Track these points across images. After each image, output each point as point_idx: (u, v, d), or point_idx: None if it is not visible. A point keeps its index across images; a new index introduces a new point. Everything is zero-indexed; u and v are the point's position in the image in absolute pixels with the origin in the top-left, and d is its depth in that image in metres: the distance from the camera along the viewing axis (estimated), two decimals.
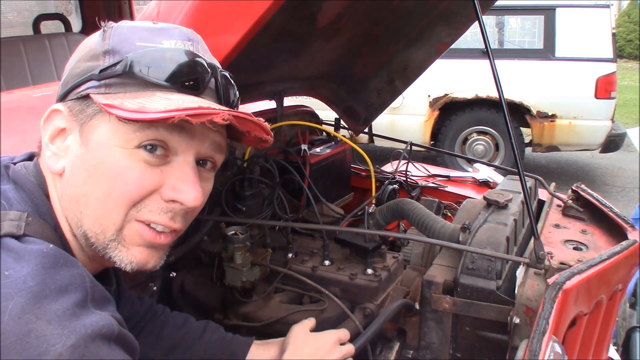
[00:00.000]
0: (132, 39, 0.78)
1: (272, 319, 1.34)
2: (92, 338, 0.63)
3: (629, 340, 1.91)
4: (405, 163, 2.20)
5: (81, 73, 0.78)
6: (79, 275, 0.68)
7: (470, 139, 5.96)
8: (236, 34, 1.04)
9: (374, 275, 1.38)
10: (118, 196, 0.76)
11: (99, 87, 0.76)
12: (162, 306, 1.27)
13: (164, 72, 0.77)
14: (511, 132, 1.24)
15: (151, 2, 1.30)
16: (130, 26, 0.81)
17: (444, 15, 1.91)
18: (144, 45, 0.78)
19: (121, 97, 0.75)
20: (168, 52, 0.78)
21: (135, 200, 0.77)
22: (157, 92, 0.76)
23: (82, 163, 0.77)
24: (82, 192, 0.77)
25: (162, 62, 0.77)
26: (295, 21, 1.54)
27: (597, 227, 1.50)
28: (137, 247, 0.79)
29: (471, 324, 1.25)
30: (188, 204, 0.78)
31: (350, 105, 2.33)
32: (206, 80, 0.80)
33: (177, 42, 0.80)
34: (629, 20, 15.36)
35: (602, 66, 5.37)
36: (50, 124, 0.80)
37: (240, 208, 1.58)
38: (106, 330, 0.65)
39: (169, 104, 0.73)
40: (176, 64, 0.77)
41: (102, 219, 0.77)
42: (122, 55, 0.77)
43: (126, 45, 0.77)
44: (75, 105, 0.78)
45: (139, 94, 0.76)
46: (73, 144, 0.78)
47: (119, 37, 0.78)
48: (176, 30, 0.82)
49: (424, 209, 1.58)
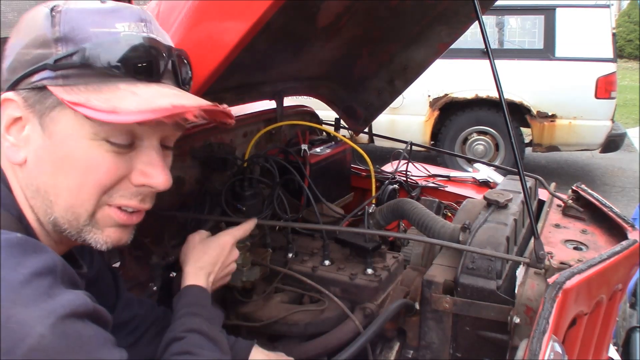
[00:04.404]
0: (84, 24, 0.75)
1: (272, 319, 1.34)
2: (70, 315, 0.65)
3: (629, 340, 1.91)
4: (405, 163, 2.20)
5: (32, 61, 0.75)
6: (50, 259, 0.69)
7: (470, 139, 5.96)
8: (236, 33, 1.03)
9: (374, 275, 1.38)
10: (91, 186, 0.78)
11: (55, 78, 0.74)
12: (163, 308, 1.27)
13: (123, 61, 0.75)
14: (511, 132, 1.24)
15: (151, 2, 1.30)
16: (80, 9, 0.77)
17: (444, 15, 1.91)
18: (98, 31, 0.76)
19: (83, 91, 0.74)
20: (125, 39, 0.76)
21: (107, 188, 0.80)
22: (118, 83, 0.76)
23: (47, 155, 0.77)
24: (51, 183, 0.78)
25: (119, 50, 0.75)
26: (295, 21, 1.54)
27: (597, 227, 1.50)
28: (110, 228, 0.83)
29: (471, 323, 1.25)
30: (159, 187, 0.83)
31: (350, 105, 2.33)
32: (165, 65, 0.81)
33: (131, 24, 0.78)
34: (629, 20, 15.37)
35: (602, 66, 5.38)
36: (4, 113, 0.78)
37: (240, 208, 1.58)
38: (83, 307, 0.67)
39: (140, 102, 0.73)
40: (135, 52, 0.76)
41: (74, 207, 0.79)
42: (76, 43, 0.74)
43: (80, 32, 0.75)
44: (30, 95, 0.76)
45: (102, 88, 0.75)
46: (33, 134, 0.77)
47: (70, 23, 0.75)
48: (127, 10, 0.80)
49: (424, 209, 1.58)
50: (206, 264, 1.16)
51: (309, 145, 1.90)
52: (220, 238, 1.22)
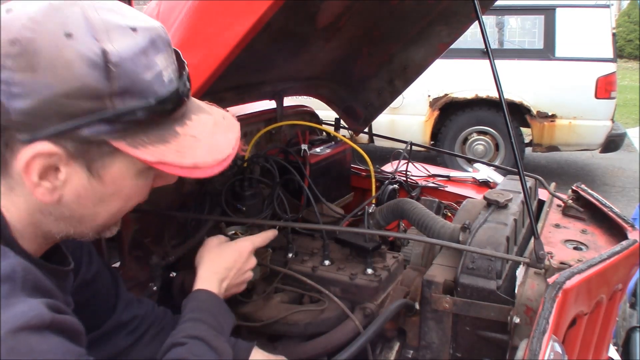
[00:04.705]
0: (137, 71, 0.71)
1: (272, 319, 1.34)
2: (21, 329, 0.62)
3: (629, 340, 1.91)
4: (405, 163, 2.20)
5: (79, 114, 0.69)
6: (8, 266, 0.67)
7: (470, 139, 5.97)
8: (237, 33, 1.03)
9: (374, 275, 1.38)
10: (128, 209, 0.84)
11: (112, 131, 0.71)
12: (164, 309, 1.27)
13: (171, 102, 0.76)
14: (511, 132, 1.24)
15: (151, 2, 1.30)
16: (129, 54, 0.70)
17: (443, 15, 1.91)
18: (150, 79, 0.73)
19: (148, 143, 0.74)
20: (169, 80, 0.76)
21: None
22: (174, 126, 0.78)
23: (92, 193, 0.77)
24: (89, 213, 0.80)
25: (167, 93, 0.75)
26: (295, 21, 1.54)
27: (597, 227, 1.50)
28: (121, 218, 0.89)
29: (471, 323, 1.25)
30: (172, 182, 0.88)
31: (350, 105, 2.33)
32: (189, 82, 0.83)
33: (164, 54, 0.76)
34: (629, 20, 15.37)
35: (602, 66, 5.38)
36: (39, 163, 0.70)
37: (240, 208, 1.58)
38: (36, 320, 0.64)
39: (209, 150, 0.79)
40: (178, 92, 0.77)
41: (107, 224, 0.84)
42: (136, 97, 0.71)
43: (137, 83, 0.71)
44: (74, 145, 0.71)
45: (164, 136, 0.76)
46: (74, 177, 0.74)
47: (125, 74, 0.70)
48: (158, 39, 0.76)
49: (424, 209, 1.58)
50: (221, 268, 1.14)
51: (309, 145, 1.90)
52: (239, 243, 1.21)
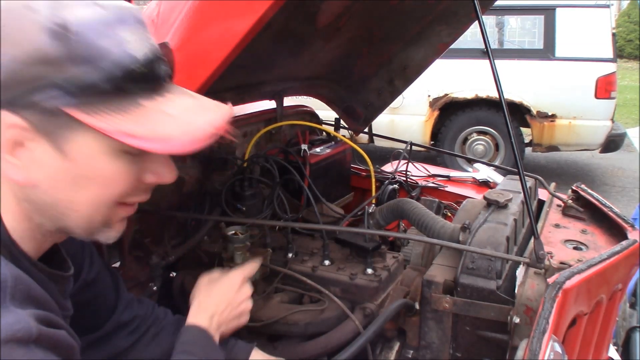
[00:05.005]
0: (94, 38, 0.70)
1: (272, 319, 1.34)
2: (5, 342, 0.61)
3: (629, 340, 1.91)
4: (405, 163, 2.20)
5: (31, 80, 0.68)
6: None
7: (470, 139, 5.97)
8: (237, 33, 1.03)
9: (374, 275, 1.38)
10: (109, 197, 0.78)
11: (68, 99, 0.69)
12: (164, 309, 1.27)
13: (138, 75, 0.73)
14: (511, 132, 1.24)
15: (151, 2, 1.30)
16: (86, 23, 0.70)
17: (443, 15, 1.91)
18: (111, 46, 0.71)
19: (108, 114, 0.71)
20: (136, 51, 0.73)
21: (124, 196, 0.80)
22: (138, 99, 0.73)
23: (64, 174, 0.74)
24: (66, 199, 0.76)
25: (133, 64, 0.72)
26: (295, 21, 1.54)
27: (597, 227, 1.50)
28: (119, 223, 0.84)
29: (471, 323, 1.25)
30: (169, 182, 0.84)
31: (350, 105, 2.33)
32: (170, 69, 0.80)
33: (132, 29, 0.74)
34: (629, 20, 15.38)
35: (602, 66, 5.38)
36: (4, 138, 0.71)
37: (240, 208, 1.58)
38: (22, 333, 0.63)
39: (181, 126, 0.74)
40: (147, 64, 0.74)
41: (92, 217, 0.79)
42: (92, 64, 0.69)
43: (93, 50, 0.69)
44: (34, 116, 0.70)
45: (127, 108, 0.72)
46: (44, 156, 0.73)
47: (80, 40, 0.69)
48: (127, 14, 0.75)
49: (424, 209, 1.58)
50: (210, 305, 1.16)
51: (309, 145, 1.90)
52: (229, 277, 1.22)
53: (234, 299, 1.19)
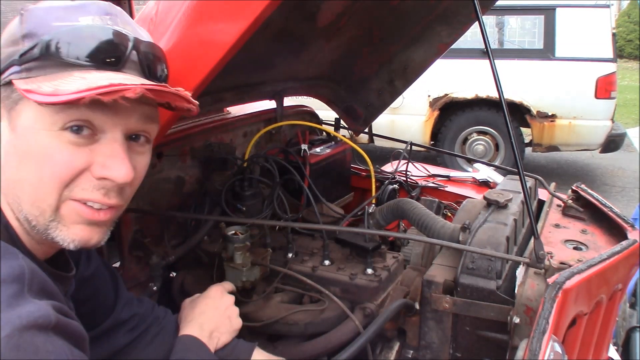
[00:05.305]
0: (47, 19, 0.78)
1: (272, 319, 1.34)
2: (27, 328, 0.63)
3: (629, 340, 1.91)
4: (405, 163, 2.20)
5: (4, 59, 0.78)
6: (17, 267, 0.68)
7: (470, 139, 5.96)
8: (234, 33, 1.03)
9: (374, 275, 1.38)
10: (49, 179, 0.77)
11: (20, 72, 0.76)
12: (164, 309, 1.27)
13: (82, 50, 0.77)
14: (511, 132, 1.24)
15: (150, 2, 1.30)
16: (46, 7, 0.80)
17: (444, 15, 1.91)
18: (60, 24, 0.78)
19: (40, 80, 0.75)
20: (84, 29, 0.78)
21: (66, 181, 0.78)
22: (74, 71, 0.76)
23: (13, 149, 0.77)
24: (17, 178, 0.77)
25: (78, 40, 0.77)
26: (295, 21, 1.54)
27: (597, 227, 1.50)
28: (78, 225, 0.80)
29: (471, 323, 1.25)
30: (118, 180, 0.79)
31: (350, 105, 2.33)
32: (127, 54, 0.80)
33: (95, 17, 0.80)
34: (629, 20, 15.38)
35: (602, 66, 5.38)
36: None
37: (240, 208, 1.58)
38: (43, 320, 0.65)
39: (82, 84, 0.73)
40: (93, 41, 0.77)
41: (38, 202, 0.78)
42: (39, 37, 0.76)
43: (42, 27, 0.77)
44: (1, 92, 0.78)
45: (57, 76, 0.75)
46: (4, 131, 0.78)
47: (34, 20, 0.78)
48: (93, 6, 0.82)
49: (424, 209, 1.58)
50: (196, 315, 1.20)
51: (309, 145, 1.90)
52: (209, 291, 1.27)
53: (218, 305, 1.23)
